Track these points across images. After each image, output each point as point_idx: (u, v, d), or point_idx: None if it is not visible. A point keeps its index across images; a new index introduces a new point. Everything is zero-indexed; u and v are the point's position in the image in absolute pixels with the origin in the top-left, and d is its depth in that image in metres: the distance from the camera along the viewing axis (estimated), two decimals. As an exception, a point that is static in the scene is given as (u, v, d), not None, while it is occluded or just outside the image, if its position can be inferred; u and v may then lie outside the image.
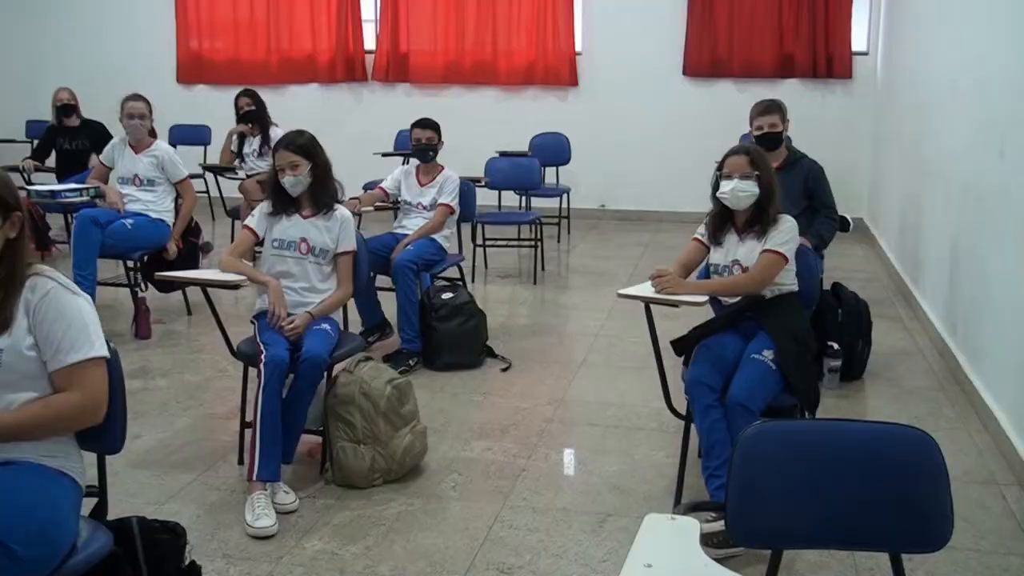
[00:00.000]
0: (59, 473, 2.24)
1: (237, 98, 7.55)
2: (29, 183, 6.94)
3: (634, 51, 9.48)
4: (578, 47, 9.73)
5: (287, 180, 3.78)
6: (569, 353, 5.40)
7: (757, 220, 3.50)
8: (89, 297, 2.34)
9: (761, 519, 1.97)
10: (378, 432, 3.52)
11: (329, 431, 3.57)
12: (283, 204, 3.86)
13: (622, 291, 3.52)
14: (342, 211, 3.92)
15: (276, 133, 7.37)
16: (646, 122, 9.52)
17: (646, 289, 3.48)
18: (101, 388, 2.28)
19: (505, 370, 4.94)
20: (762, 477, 1.97)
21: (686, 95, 9.48)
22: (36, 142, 8.23)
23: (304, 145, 3.81)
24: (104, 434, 2.35)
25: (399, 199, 5.47)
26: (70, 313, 2.25)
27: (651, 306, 3.47)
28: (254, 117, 7.42)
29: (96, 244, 5.26)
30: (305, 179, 3.79)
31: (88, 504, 2.39)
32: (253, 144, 7.44)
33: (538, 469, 3.77)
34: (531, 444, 4.00)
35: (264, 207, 3.92)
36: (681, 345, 3.52)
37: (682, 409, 3.45)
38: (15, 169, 7.16)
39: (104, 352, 2.29)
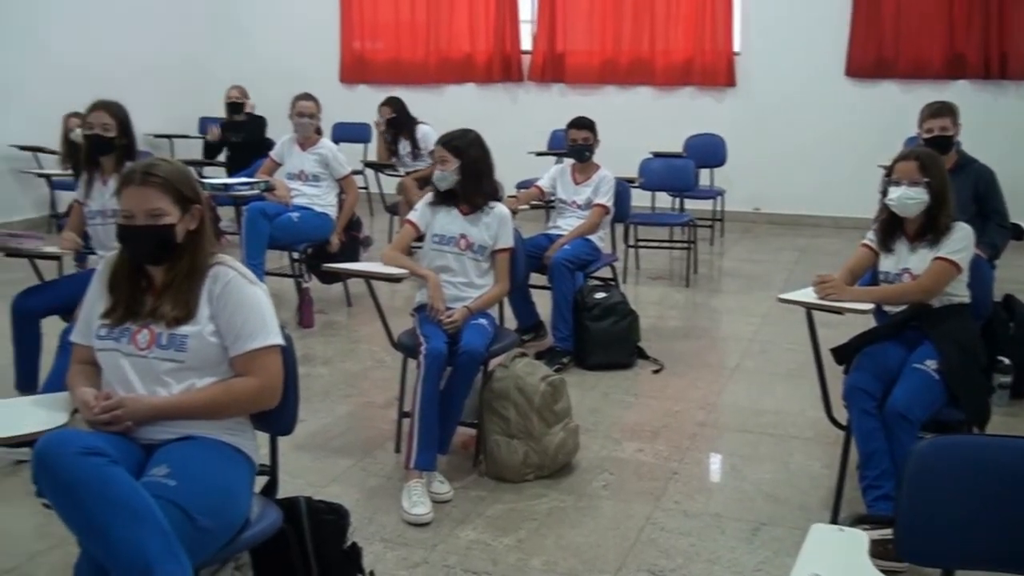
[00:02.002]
0: (236, 450, 2.36)
1: (380, 107, 7.80)
2: (201, 176, 7.31)
3: (794, 50, 9.24)
4: (736, 46, 9.55)
5: (436, 174, 3.89)
6: (722, 357, 5.33)
7: (929, 228, 3.37)
8: (265, 287, 2.46)
9: (934, 537, 1.90)
10: (531, 428, 3.56)
11: (484, 424, 3.64)
12: (443, 198, 3.95)
13: (783, 296, 3.46)
14: (501, 209, 3.97)
15: (425, 132, 7.57)
16: (805, 124, 9.27)
17: (808, 295, 3.40)
18: (277, 374, 2.39)
19: (657, 372, 4.91)
20: (937, 494, 1.89)
21: (848, 96, 9.17)
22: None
23: (455, 143, 3.89)
24: (278, 416, 2.47)
25: (554, 198, 5.51)
26: (249, 302, 2.37)
27: (812, 312, 3.39)
28: (398, 124, 7.64)
29: (265, 235, 5.51)
30: (452, 175, 3.87)
31: (259, 482, 2.51)
32: (406, 146, 7.66)
33: (690, 473, 3.74)
34: (683, 447, 3.97)
35: (426, 199, 4.02)
36: (842, 353, 3.42)
37: (842, 420, 3.35)
38: (194, 163, 7.56)
39: (280, 340, 2.40)
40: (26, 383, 4.09)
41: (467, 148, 3.88)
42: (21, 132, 8.48)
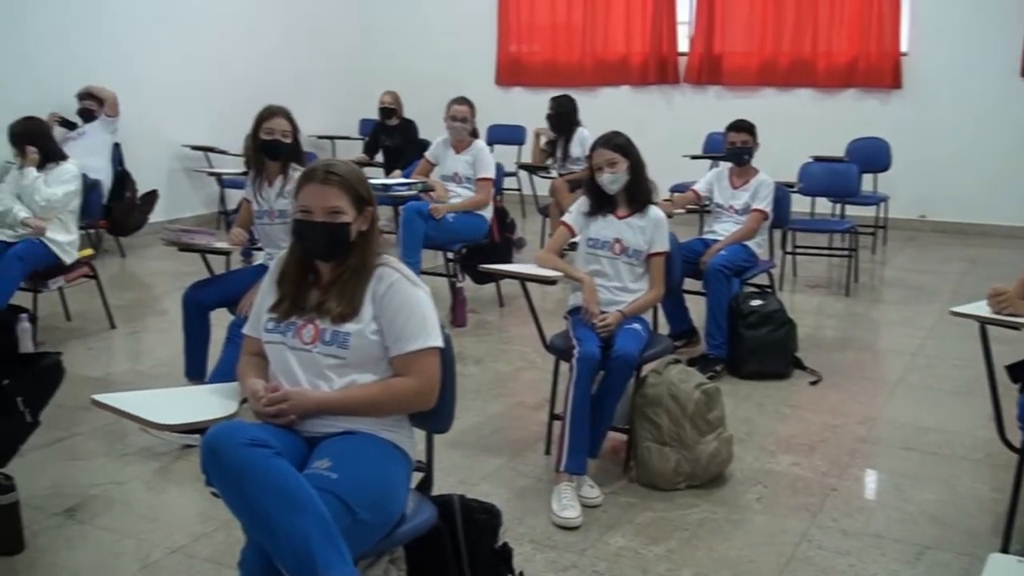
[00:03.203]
0: (394, 447, 2.41)
1: (552, 100, 7.79)
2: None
3: (966, 50, 8.79)
4: (903, 47, 9.17)
5: (605, 178, 3.84)
6: (883, 371, 5.12)
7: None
8: (428, 289, 2.50)
9: None
10: (684, 436, 3.50)
11: (635, 430, 3.60)
12: (599, 204, 3.92)
13: (956, 308, 3.28)
14: (656, 212, 3.92)
15: (582, 135, 7.54)
16: (976, 127, 8.81)
17: (982, 308, 3.22)
18: (435, 376, 2.43)
19: (814, 383, 4.76)
20: None
21: (1022, 99, 8.67)
22: (366, 139, 8.94)
23: (621, 143, 3.86)
24: (435, 415, 2.50)
25: (711, 202, 5.42)
26: (411, 304, 2.41)
27: (987, 327, 3.21)
28: (563, 122, 7.62)
29: (421, 234, 5.61)
30: (623, 176, 3.84)
31: (414, 479, 2.54)
32: (562, 147, 7.65)
33: (849, 490, 3.60)
34: (841, 463, 3.83)
35: (581, 206, 4.00)
36: (1018, 371, 3.22)
37: (1016, 442, 3.16)
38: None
39: (440, 342, 2.44)
40: (195, 371, 4.29)
41: (632, 148, 3.85)
42: (193, 133, 8.93)
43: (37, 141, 5.34)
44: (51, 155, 5.38)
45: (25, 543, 3.09)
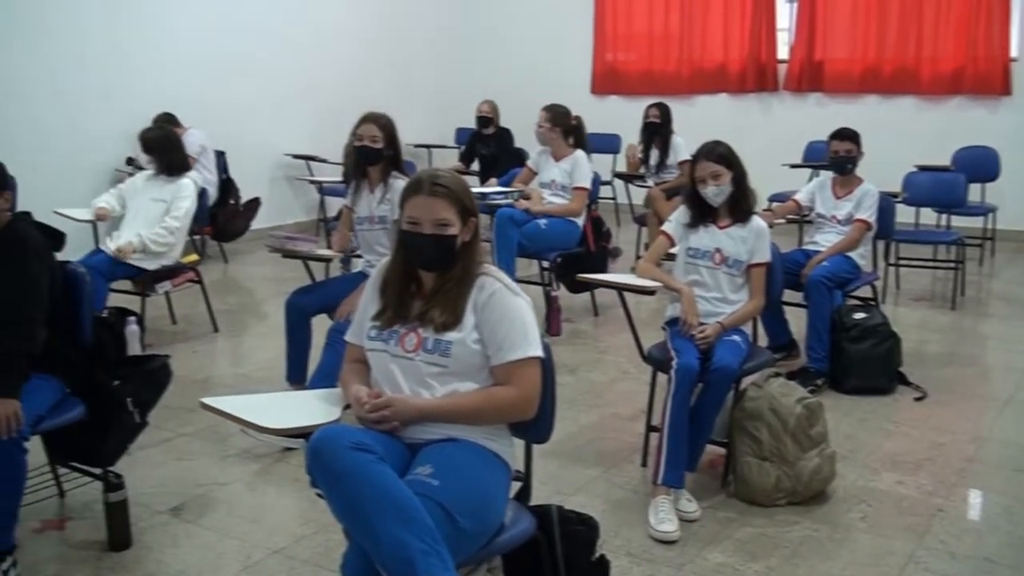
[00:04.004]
0: (494, 455, 2.41)
1: (648, 108, 7.75)
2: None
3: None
4: (1013, 52, 8.84)
5: (709, 190, 3.78)
6: (992, 388, 4.94)
7: None
8: (529, 299, 2.50)
9: None
10: (785, 451, 3.43)
11: (734, 444, 3.54)
12: (701, 214, 3.87)
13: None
14: (758, 222, 3.86)
15: (676, 143, 7.49)
16: (1093, 136, 8.47)
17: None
18: (535, 386, 2.43)
19: (919, 399, 4.62)
20: None
21: None
22: (463, 148, 9.02)
23: (725, 154, 3.80)
24: (535, 424, 2.50)
25: (812, 212, 5.30)
26: (512, 314, 2.41)
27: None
28: (659, 130, 7.58)
29: (514, 242, 5.63)
30: (727, 189, 3.78)
31: (512, 488, 2.53)
32: (655, 155, 7.60)
33: (957, 511, 3.48)
34: (949, 483, 3.70)
35: (681, 216, 3.95)
36: None
37: None
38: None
39: (540, 352, 2.43)
40: (296, 375, 4.37)
41: (735, 158, 3.80)
42: (294, 142, 9.13)
43: (158, 151, 5.45)
44: (171, 167, 5.46)
45: (133, 539, 3.19)
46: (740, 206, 3.82)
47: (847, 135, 5.24)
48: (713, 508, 3.45)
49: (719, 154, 3.79)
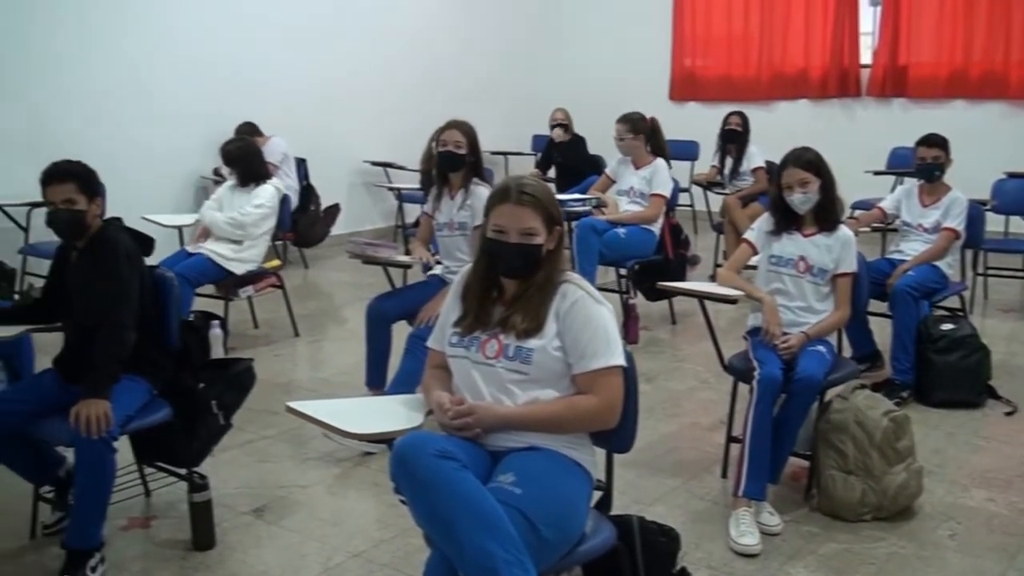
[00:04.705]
0: (576, 464, 2.40)
1: (729, 115, 7.67)
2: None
3: None
4: (1110, 55, 8.57)
5: (796, 198, 3.72)
6: (1088, 404, 4.77)
7: None
8: (611, 307, 2.48)
9: None
10: (871, 465, 3.35)
11: (818, 457, 3.47)
12: (784, 221, 3.81)
13: None
14: (845, 230, 3.78)
15: (751, 151, 7.39)
16: None
17: None
18: (617, 395, 2.41)
19: (1010, 414, 4.48)
20: None
21: None
22: (539, 155, 9.02)
23: (814, 161, 3.73)
24: (617, 434, 2.49)
25: (898, 220, 5.18)
26: (595, 322, 2.40)
27: None
28: (737, 137, 7.49)
29: (595, 250, 5.61)
30: (814, 196, 3.71)
31: (592, 497, 2.52)
32: (730, 163, 7.53)
33: (1051, 531, 3.37)
34: (1043, 501, 3.58)
35: (764, 224, 3.89)
36: None
37: None
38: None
39: (622, 361, 2.42)
40: (375, 380, 4.41)
41: (823, 165, 3.73)
42: (373, 149, 9.24)
43: (238, 163, 5.60)
44: (251, 176, 5.60)
45: (217, 539, 3.25)
46: (827, 215, 3.74)
47: (935, 141, 5.10)
48: (796, 522, 3.38)
49: (807, 160, 3.72)
